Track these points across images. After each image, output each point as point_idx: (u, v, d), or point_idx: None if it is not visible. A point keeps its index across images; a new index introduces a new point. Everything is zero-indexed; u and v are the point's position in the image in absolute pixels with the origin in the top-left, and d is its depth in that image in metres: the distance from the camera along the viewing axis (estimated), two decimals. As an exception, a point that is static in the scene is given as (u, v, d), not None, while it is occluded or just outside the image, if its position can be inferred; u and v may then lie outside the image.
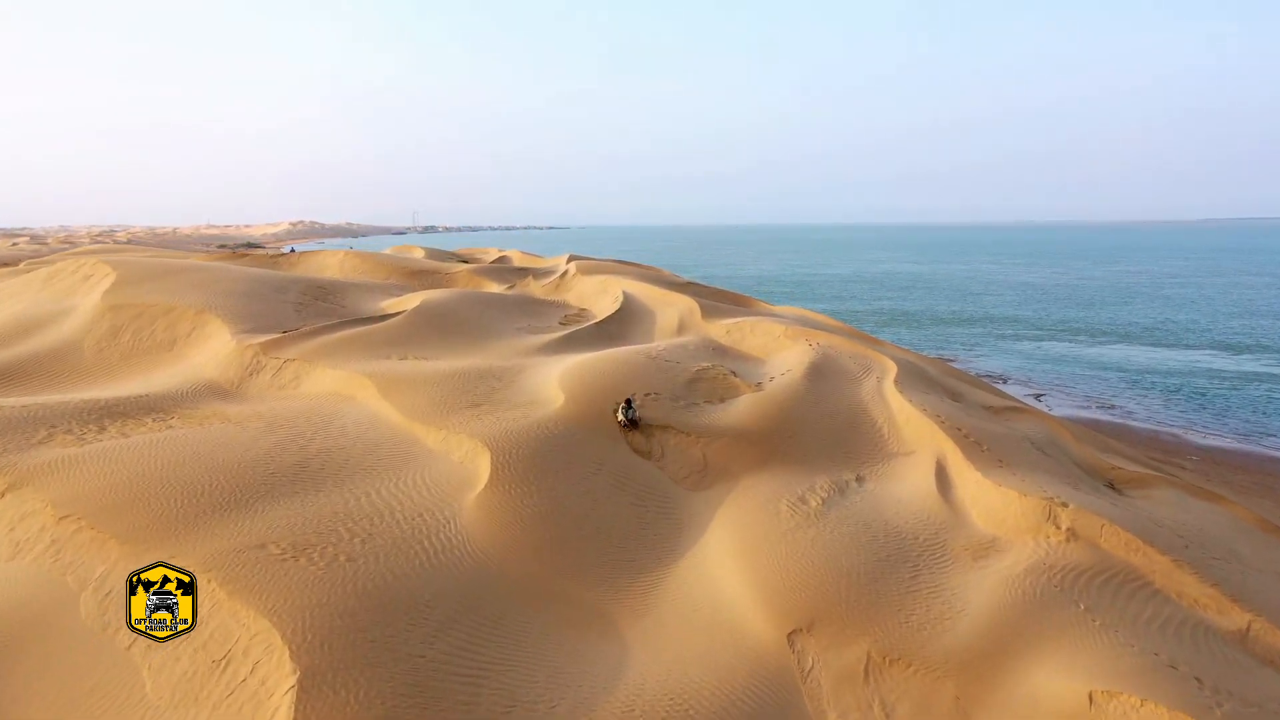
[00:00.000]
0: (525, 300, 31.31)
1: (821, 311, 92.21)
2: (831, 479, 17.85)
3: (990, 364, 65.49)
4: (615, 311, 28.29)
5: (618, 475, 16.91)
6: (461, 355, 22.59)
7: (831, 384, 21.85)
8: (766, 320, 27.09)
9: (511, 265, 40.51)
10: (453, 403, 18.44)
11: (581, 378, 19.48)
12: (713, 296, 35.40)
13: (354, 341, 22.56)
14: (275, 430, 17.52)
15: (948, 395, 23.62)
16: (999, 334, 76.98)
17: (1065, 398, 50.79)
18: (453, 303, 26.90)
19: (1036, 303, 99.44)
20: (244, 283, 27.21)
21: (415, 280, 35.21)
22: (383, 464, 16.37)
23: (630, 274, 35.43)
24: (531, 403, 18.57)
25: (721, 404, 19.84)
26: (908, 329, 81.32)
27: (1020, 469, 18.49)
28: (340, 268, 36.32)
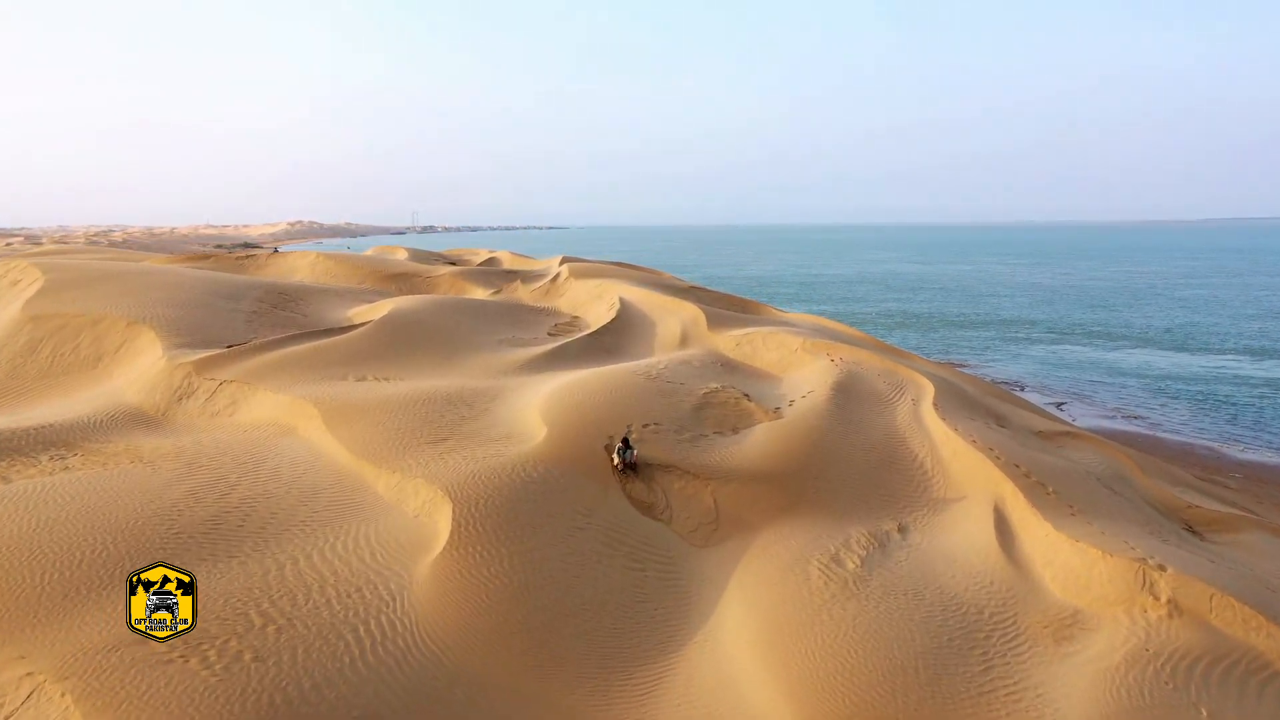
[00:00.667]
0: (511, 307, 28.13)
1: (828, 315, 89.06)
2: (869, 530, 14.65)
3: (1004, 370, 62.33)
4: (610, 321, 25.09)
5: (610, 529, 13.71)
6: (430, 374, 19.40)
7: (861, 408, 18.66)
8: (780, 331, 23.89)
9: (500, 268, 37.34)
10: (412, 437, 15.25)
11: (568, 405, 16.26)
12: (718, 303, 32.23)
13: (306, 359, 19.36)
14: (193, 473, 14.34)
15: (992, 419, 20.46)
16: (1011, 338, 73.77)
17: (1087, 407, 47.55)
18: (426, 311, 23.69)
19: (1047, 304, 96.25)
20: (191, 289, 24.02)
21: (393, 284, 32.04)
22: (319, 517, 13.19)
23: (628, 278, 32.24)
24: (507, 437, 15.38)
25: (734, 435, 16.64)
26: (916, 332, 78.09)
27: (1095, 516, 15.28)
28: (311, 270, 33.09)
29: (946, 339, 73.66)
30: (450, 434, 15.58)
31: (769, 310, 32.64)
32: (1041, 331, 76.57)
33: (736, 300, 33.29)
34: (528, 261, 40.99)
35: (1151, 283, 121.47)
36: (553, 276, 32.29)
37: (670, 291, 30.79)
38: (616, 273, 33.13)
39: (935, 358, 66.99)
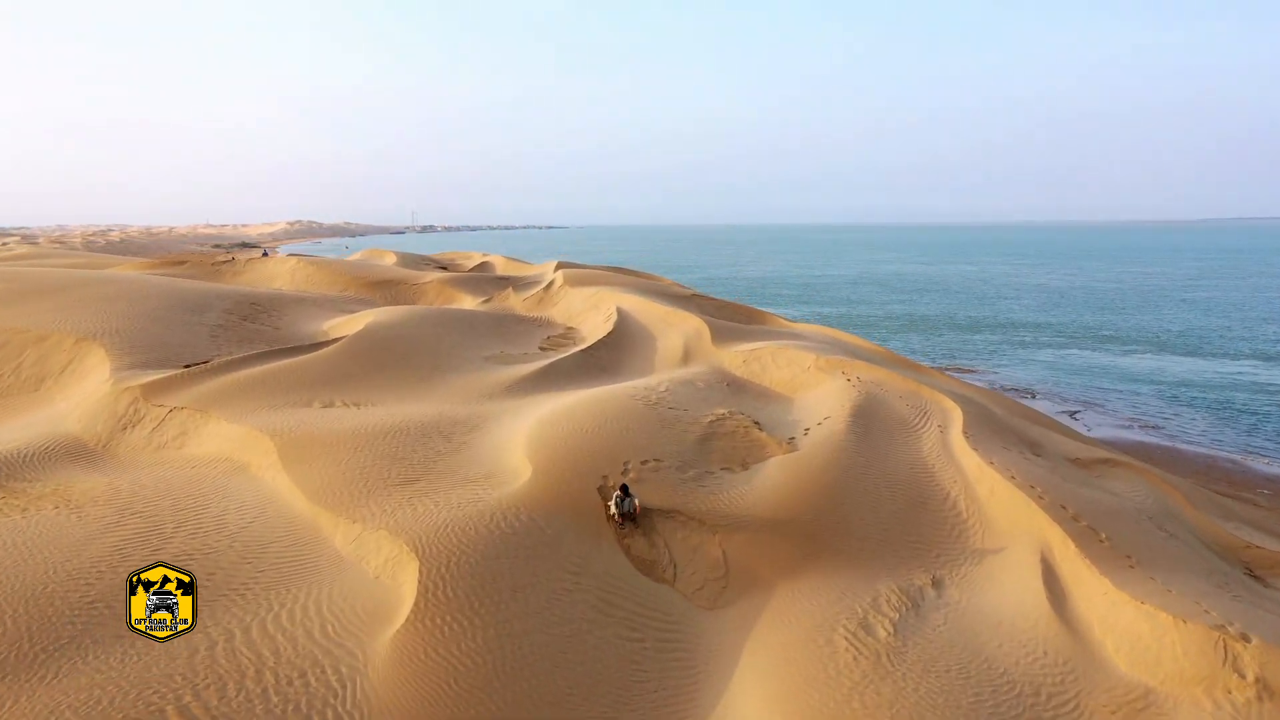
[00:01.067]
0: (501, 318, 26.20)
1: (831, 318, 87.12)
2: (899, 586, 12.74)
3: (1014, 376, 60.43)
4: (607, 335, 23.15)
5: (603, 590, 11.80)
6: (407, 398, 17.49)
7: (884, 438, 16.75)
8: (791, 346, 21.97)
9: (492, 274, 35.41)
10: (378, 478, 13.36)
11: (556, 439, 14.34)
12: (721, 312, 30.32)
13: (269, 381, 17.44)
14: (125, 521, 12.44)
15: (1026, 446, 18.56)
16: (1019, 341, 71.83)
17: (1102, 416, 45.66)
18: (406, 325, 21.77)
19: (1055, 307, 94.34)
20: (152, 300, 22.11)
21: (377, 292, 30.13)
22: (264, 579, 11.29)
23: (626, 285, 30.33)
24: (486, 477, 13.48)
25: (744, 472, 14.73)
26: (922, 335, 76.20)
27: (1156, 568, 13.37)
28: (291, 277, 31.16)
29: (953, 343, 71.77)
30: (422, 473, 13.66)
31: (775, 320, 30.73)
32: (1050, 335, 74.66)
33: (741, 309, 31.35)
34: (521, 267, 39.03)
35: (1160, 284, 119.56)
36: (546, 284, 30.36)
37: (671, 300, 28.89)
38: (614, 279, 31.18)
39: (941, 363, 65.22)
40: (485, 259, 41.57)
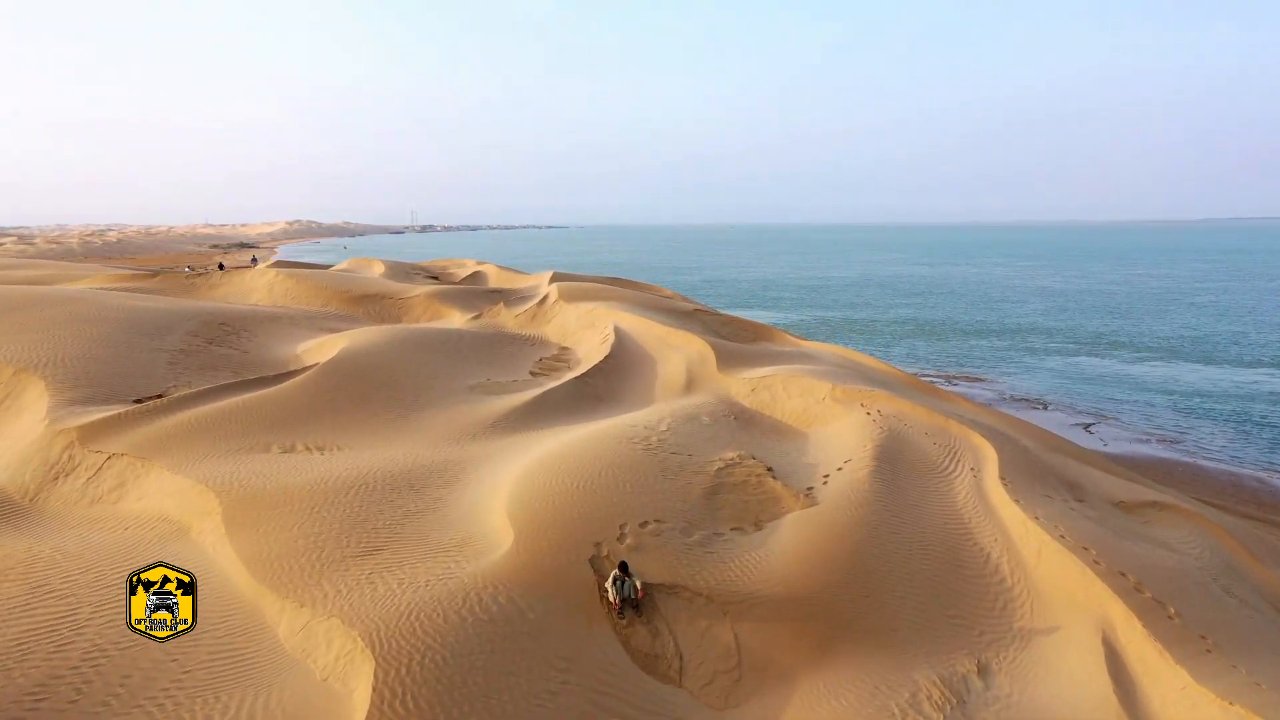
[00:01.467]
0: (490, 338, 24.28)
1: (835, 321, 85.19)
2: (941, 677, 10.86)
3: (1025, 384, 58.62)
4: (604, 359, 21.23)
5: (597, 688, 9.90)
6: (378, 439, 15.60)
7: (912, 485, 14.87)
8: (803, 373, 20.05)
9: (483, 286, 33.47)
10: (336, 546, 11.49)
11: (543, 496, 12.44)
12: (726, 329, 28.44)
13: (225, 420, 15.55)
14: (35, 603, 10.55)
15: (1065, 487, 16.68)
16: (1028, 348, 69.95)
17: (1118, 429, 43.77)
18: (385, 350, 19.85)
19: (1063, 311, 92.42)
20: (108, 323, 20.19)
21: (360, 307, 28.23)
22: (189, 683, 9.37)
23: (624, 300, 28.42)
24: (461, 545, 11.62)
25: (758, 533, 12.85)
26: (927, 341, 74.37)
27: (1237, 649, 11.48)
28: (269, 291, 29.22)
29: (960, 349, 69.91)
30: (387, 540, 11.77)
31: (783, 338, 28.83)
32: (1058, 341, 72.78)
33: (747, 325, 29.45)
34: (515, 278, 37.02)
35: (1166, 286, 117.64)
36: (539, 299, 28.44)
37: (672, 318, 26.99)
38: (611, 294, 29.25)
39: (949, 371, 63.28)
40: (478, 268, 39.63)
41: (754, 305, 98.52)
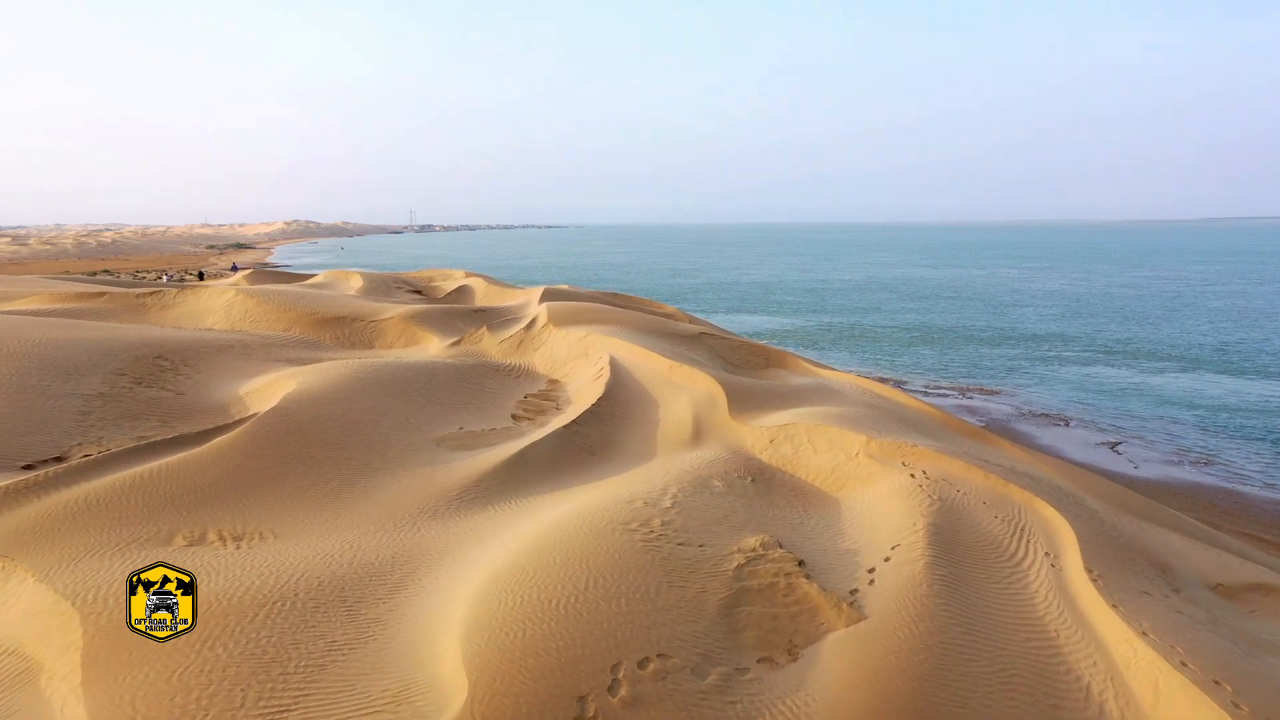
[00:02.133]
0: (470, 371, 21.13)
1: (842, 327, 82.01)
2: None
3: (1042, 397, 55.69)
4: (597, 402, 18.09)
5: None
6: (315, 520, 12.47)
7: (979, 583, 11.76)
8: (830, 422, 16.91)
9: (468, 305, 30.29)
10: (227, 706, 8.44)
11: (510, 624, 9.32)
12: (736, 354, 25.32)
13: (127, 495, 12.43)
14: None
15: (1158, 572, 13.66)
16: (1041, 356, 66.93)
17: (1146, 450, 40.78)
18: (338, 394, 16.68)
19: (1075, 316, 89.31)
20: (16, 360, 17.01)
21: (327, 331, 25.10)
22: None
23: (621, 323, 25.29)
24: (397, 700, 8.50)
25: (792, 665, 9.76)
26: (936, 349, 71.39)
27: None
28: (226, 313, 25.97)
29: (971, 358, 66.92)
30: (300, 694, 8.64)
31: (799, 364, 25.69)
32: (1074, 349, 69.76)
33: (758, 349, 26.30)
34: (504, 293, 33.74)
35: (1178, 289, 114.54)
36: (527, 323, 25.27)
37: (675, 344, 23.87)
38: (607, 315, 26.07)
39: (962, 382, 60.23)
40: (466, 281, 36.42)
41: (757, 310, 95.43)
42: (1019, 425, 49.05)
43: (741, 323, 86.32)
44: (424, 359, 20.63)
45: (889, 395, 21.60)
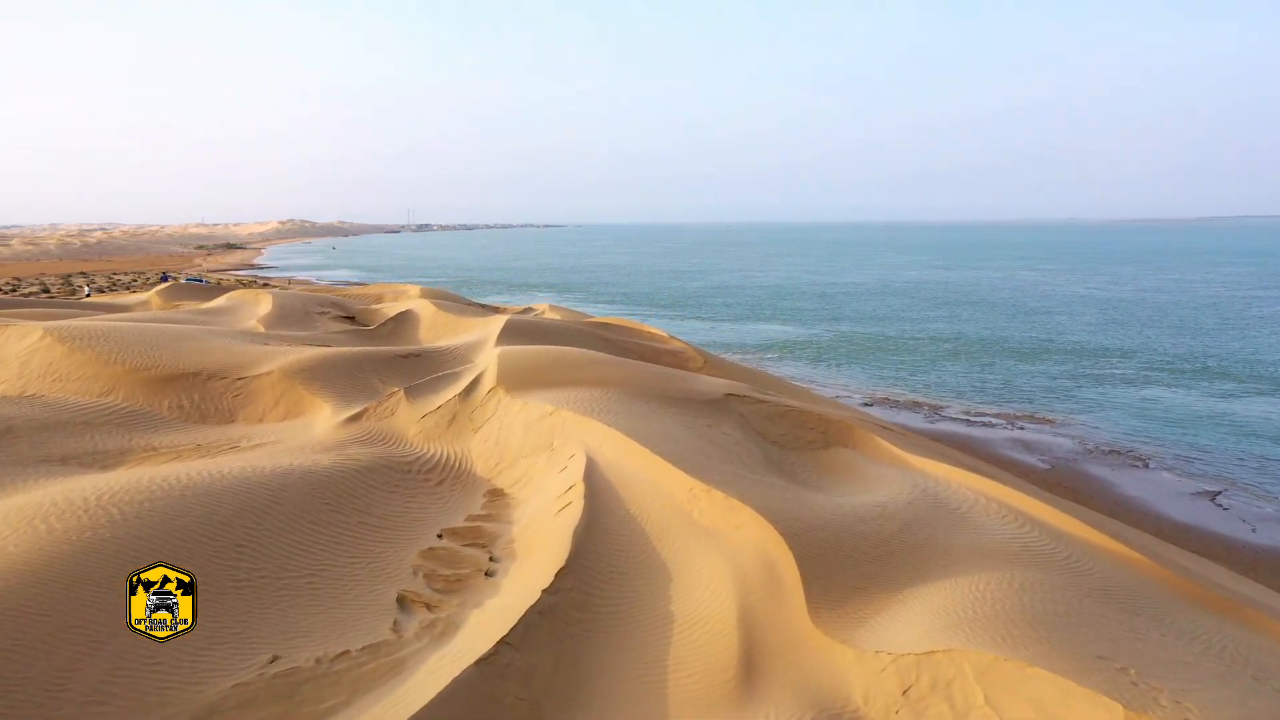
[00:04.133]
0: (355, 481, 12.37)
1: (867, 339, 72.64)
2: None
3: (1103, 428, 46.73)
4: (559, 574, 9.34)
5: None
6: None
7: None
8: (1014, 655, 8.21)
9: (397, 345, 21.22)
10: None
11: None
12: (780, 432, 16.53)
13: None
14: None
15: None
16: (1088, 374, 57.92)
17: (1254, 501, 32.33)
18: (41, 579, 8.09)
19: (1116, 326, 79.98)
20: None
21: (165, 396, 16.26)
22: None
23: (610, 384, 16.43)
24: None
25: None
26: (969, 365, 62.35)
27: None
28: (22, 367, 16.95)
29: (1008, 375, 57.87)
30: None
31: (873, 444, 16.81)
32: (1125, 366, 60.76)
33: (812, 420, 17.25)
34: (455, 323, 24.30)
35: (1217, 295, 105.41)
36: (465, 387, 16.27)
37: (691, 413, 15.13)
38: (588, 369, 17.05)
39: (1009, 408, 51.14)
40: (414, 304, 27.15)
41: (771, 318, 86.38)
42: (1089, 466, 40.27)
43: (754, 332, 77.28)
44: (270, 473, 11.72)
45: (1036, 512, 12.85)
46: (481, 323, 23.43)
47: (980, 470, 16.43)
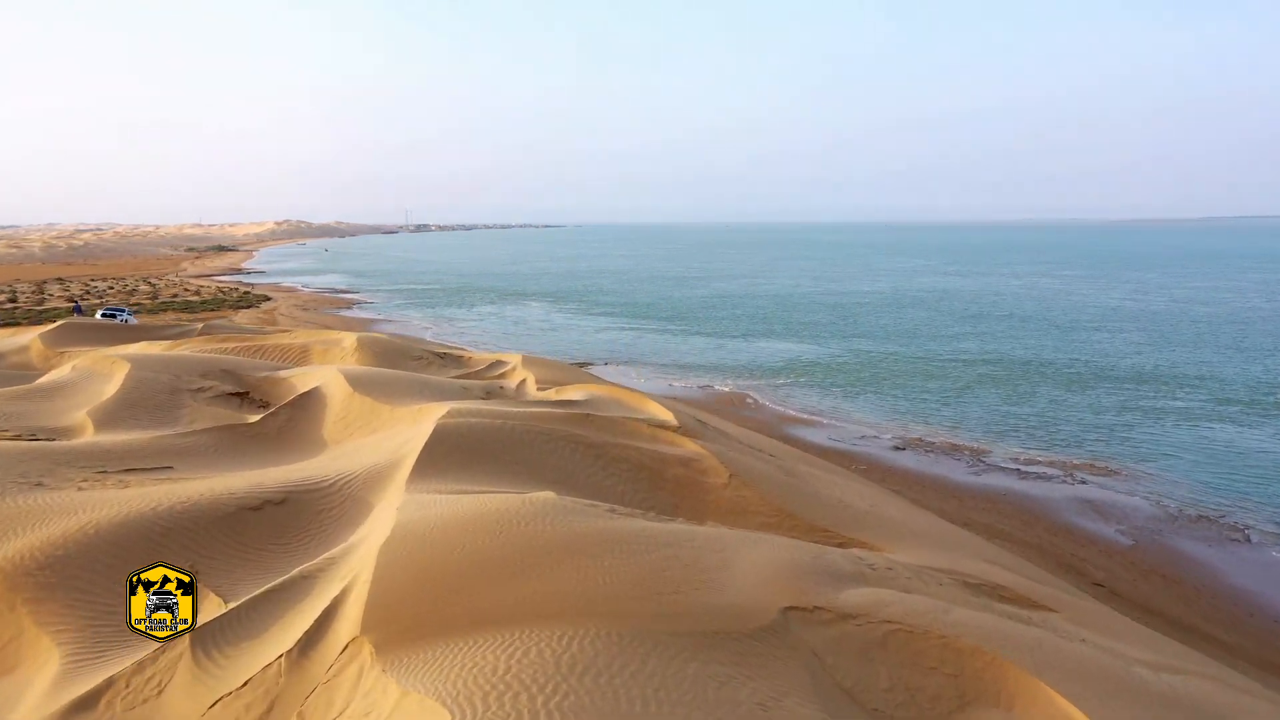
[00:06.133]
0: None
1: (887, 360, 64.70)
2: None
3: (1179, 481, 39.89)
4: None
5: None
6: None
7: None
8: None
9: (241, 494, 13.03)
10: None
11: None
12: (863, 655, 9.08)
13: None
14: None
15: None
16: (1145, 407, 50.03)
17: None
18: None
19: (1161, 346, 71.64)
20: None
21: None
22: None
23: (570, 587, 8.95)
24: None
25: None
26: (1000, 392, 54.51)
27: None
28: None
29: (1052, 408, 49.95)
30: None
31: (1039, 694, 9.37)
32: (1186, 397, 52.78)
33: (931, 648, 9.92)
34: (368, 416, 15.83)
35: (1258, 307, 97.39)
36: (304, 636, 8.40)
37: (732, 658, 7.79)
38: (536, 579, 9.29)
39: (1059, 449, 43.77)
40: (329, 378, 18.59)
41: (780, 334, 78.50)
42: (1180, 541, 32.73)
43: (764, 351, 69.10)
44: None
45: None
46: (408, 416, 15.68)
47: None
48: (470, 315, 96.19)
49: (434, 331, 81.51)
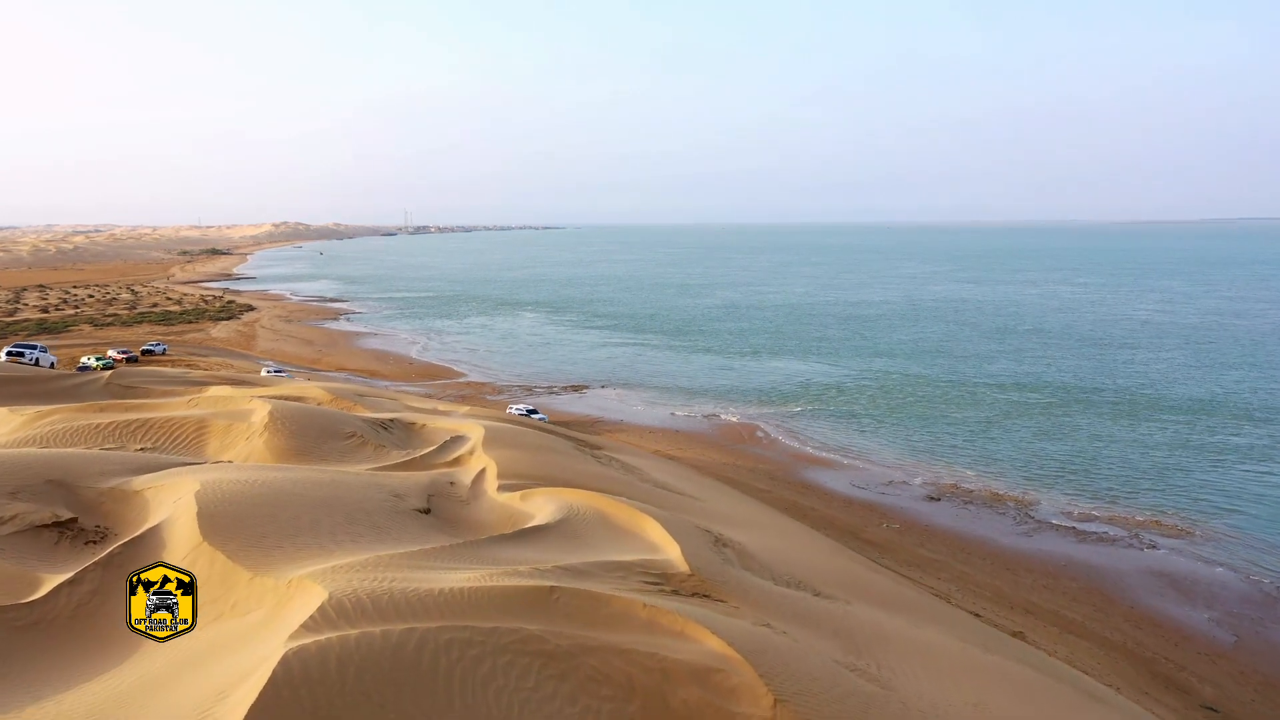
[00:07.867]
0: None
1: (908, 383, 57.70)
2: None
3: (1266, 541, 34.36)
4: None
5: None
6: None
7: None
8: None
9: None
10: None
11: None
12: None
13: None
14: None
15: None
16: (1203, 444, 44.06)
17: None
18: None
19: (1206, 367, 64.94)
20: None
21: None
22: None
23: None
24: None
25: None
26: (1040, 424, 48.44)
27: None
28: None
29: (1099, 446, 43.99)
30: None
31: None
32: (1249, 432, 46.83)
33: None
34: (226, 589, 11.16)
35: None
36: None
37: None
38: None
39: (1117, 503, 38.16)
40: (187, 504, 12.88)
41: (794, 351, 72.13)
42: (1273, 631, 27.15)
43: (776, 373, 62.18)
44: None
45: None
46: (272, 595, 9.45)
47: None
48: (460, 328, 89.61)
49: (420, 346, 75.22)
